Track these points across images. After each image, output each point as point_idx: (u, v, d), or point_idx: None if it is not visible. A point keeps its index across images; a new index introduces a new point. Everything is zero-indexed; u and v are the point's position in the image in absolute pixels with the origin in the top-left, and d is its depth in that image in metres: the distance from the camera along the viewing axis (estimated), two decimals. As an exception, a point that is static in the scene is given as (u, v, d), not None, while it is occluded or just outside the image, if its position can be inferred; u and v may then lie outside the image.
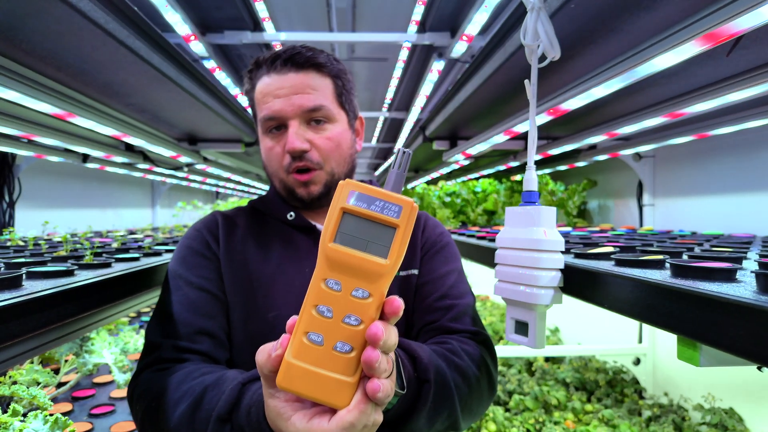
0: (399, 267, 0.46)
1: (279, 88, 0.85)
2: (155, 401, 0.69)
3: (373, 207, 0.46)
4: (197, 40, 2.20)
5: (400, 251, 0.46)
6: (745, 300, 0.48)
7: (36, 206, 2.45)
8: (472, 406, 0.77)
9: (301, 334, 0.46)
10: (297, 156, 0.85)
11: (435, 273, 0.91)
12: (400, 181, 0.48)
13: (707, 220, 1.89)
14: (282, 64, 0.85)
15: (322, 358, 0.45)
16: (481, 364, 0.81)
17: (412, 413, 0.65)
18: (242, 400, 0.60)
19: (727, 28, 0.72)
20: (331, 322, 0.45)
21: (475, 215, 2.72)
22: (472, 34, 2.12)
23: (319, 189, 0.89)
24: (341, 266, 0.45)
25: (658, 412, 1.91)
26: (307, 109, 0.85)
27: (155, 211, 3.95)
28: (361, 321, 0.45)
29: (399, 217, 0.46)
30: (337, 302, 0.46)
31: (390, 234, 0.46)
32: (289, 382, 0.45)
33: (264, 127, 0.88)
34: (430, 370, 0.67)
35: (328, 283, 0.46)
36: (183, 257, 0.87)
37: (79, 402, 1.73)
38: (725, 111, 1.44)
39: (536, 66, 0.84)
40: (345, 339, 0.45)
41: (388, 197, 0.46)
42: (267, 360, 0.46)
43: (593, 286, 0.76)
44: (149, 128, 1.98)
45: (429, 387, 0.66)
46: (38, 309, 0.71)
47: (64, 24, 0.92)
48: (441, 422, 0.70)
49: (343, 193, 0.46)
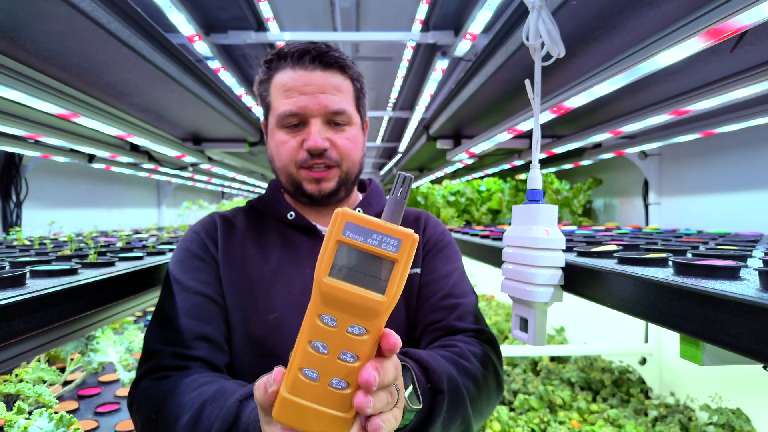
0: (396, 302, 0.45)
1: (306, 84, 0.83)
2: (154, 413, 0.69)
3: (370, 240, 0.43)
4: (201, 41, 2.21)
5: (399, 287, 0.44)
6: (747, 298, 0.48)
7: (43, 206, 2.47)
8: (482, 408, 0.77)
9: (296, 370, 0.45)
10: (316, 154, 0.85)
11: (438, 272, 0.91)
12: (399, 210, 0.45)
13: (714, 218, 1.88)
14: (310, 60, 0.84)
15: (317, 394, 0.44)
16: (489, 364, 0.81)
17: (428, 425, 0.64)
18: (240, 419, 0.61)
19: (731, 23, 0.71)
20: (327, 359, 0.44)
21: (479, 214, 2.71)
22: (475, 33, 2.11)
23: (331, 186, 0.88)
24: (337, 302, 0.44)
25: (665, 412, 1.90)
26: (332, 110, 0.84)
27: (161, 210, 3.97)
28: (357, 358, 0.44)
29: (398, 251, 0.43)
30: (333, 338, 0.44)
31: (388, 269, 0.43)
32: (285, 417, 0.45)
33: (281, 121, 0.86)
34: (443, 380, 0.66)
35: (323, 319, 0.44)
36: (181, 261, 0.87)
37: (85, 400, 1.74)
38: (731, 108, 1.43)
39: (539, 64, 0.83)
40: (341, 376, 0.44)
41: (386, 230, 0.43)
42: (263, 395, 0.46)
43: (595, 284, 0.76)
44: (154, 128, 1.99)
45: (443, 397, 0.65)
46: (41, 307, 0.71)
47: (66, 24, 0.93)
48: (455, 429, 0.70)
49: (338, 223, 0.44)
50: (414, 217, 0.97)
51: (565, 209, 2.52)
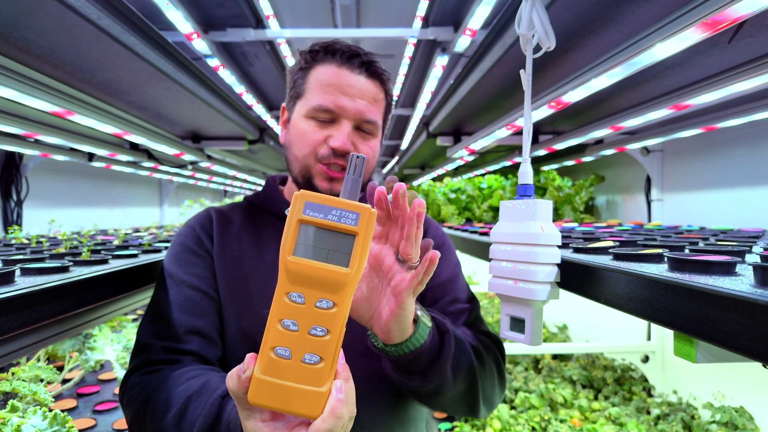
0: (361, 274, 0.46)
1: (349, 85, 0.84)
2: (143, 407, 0.70)
3: (330, 216, 0.45)
4: (200, 38, 2.20)
5: (361, 258, 0.45)
6: (739, 293, 0.46)
7: (44, 205, 2.48)
8: (486, 387, 0.79)
9: (268, 350, 0.45)
10: (340, 154, 0.84)
11: (442, 276, 0.91)
12: (356, 188, 0.49)
13: (717, 214, 1.85)
14: (359, 65, 0.85)
15: (291, 371, 0.45)
16: (489, 352, 0.83)
17: (440, 356, 0.69)
18: (222, 415, 0.61)
19: (727, 14, 0.69)
20: (297, 335, 0.45)
21: (480, 212, 2.70)
22: (475, 28, 2.09)
23: (341, 188, 0.88)
24: (303, 278, 0.45)
25: (667, 410, 1.88)
26: (365, 118, 0.85)
27: (163, 209, 3.98)
28: (328, 331, 0.45)
29: (357, 225, 0.45)
30: (302, 315, 0.45)
31: (350, 242, 0.46)
32: (260, 398, 0.45)
33: (311, 113, 0.85)
34: (447, 324, 0.72)
35: (291, 297, 0.46)
36: (175, 255, 0.87)
37: (83, 398, 1.74)
38: (733, 102, 1.41)
39: (531, 56, 0.82)
40: (313, 350, 0.45)
41: (344, 205, 0.46)
42: (237, 382, 0.46)
43: (590, 281, 0.74)
44: (151, 126, 1.99)
45: (450, 337, 0.70)
46: (29, 304, 0.71)
47: (56, 21, 0.92)
48: (463, 379, 0.73)
49: (297, 204, 0.46)
50: None
51: (567, 206, 2.50)
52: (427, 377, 0.68)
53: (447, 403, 0.75)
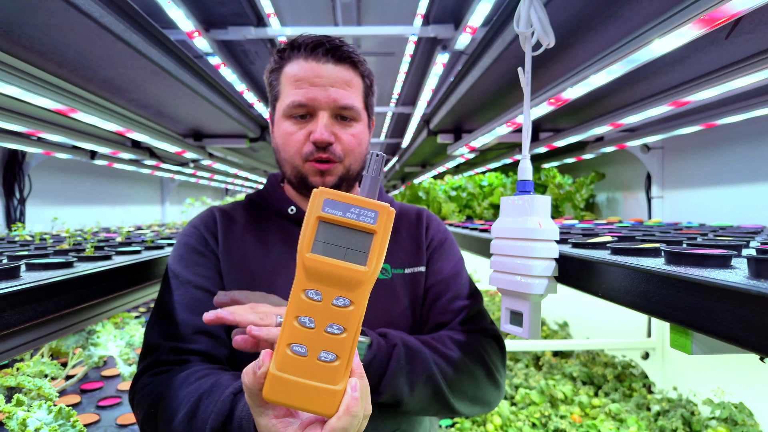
0: (379, 272, 0.46)
1: (317, 76, 0.83)
2: (153, 407, 0.70)
3: (348, 214, 0.45)
4: (201, 37, 2.21)
5: (379, 257, 0.45)
6: (733, 285, 0.47)
7: (46, 203, 2.49)
8: (463, 387, 0.79)
9: (284, 347, 0.45)
10: (322, 147, 0.84)
11: (444, 272, 0.92)
12: (375, 186, 0.48)
13: (717, 211, 1.86)
14: (323, 53, 0.83)
15: (306, 369, 0.45)
16: (473, 351, 0.82)
17: (386, 371, 0.71)
18: (234, 412, 0.61)
19: (724, 9, 0.70)
20: (314, 333, 0.45)
21: (481, 209, 2.70)
22: (475, 26, 2.10)
23: (332, 180, 0.87)
24: (320, 276, 0.45)
25: (667, 406, 1.89)
26: (340, 105, 0.84)
27: (164, 207, 3.99)
28: (344, 329, 0.45)
29: (376, 223, 0.45)
30: (319, 312, 0.45)
31: (368, 240, 0.45)
32: (275, 395, 0.45)
33: (287, 112, 0.85)
34: (397, 337, 0.75)
35: (308, 294, 0.45)
36: (180, 255, 0.87)
37: (87, 394, 1.75)
38: (733, 99, 1.41)
39: (530, 54, 0.82)
40: (329, 348, 0.45)
41: (363, 203, 0.46)
42: (253, 378, 0.46)
43: (587, 275, 0.75)
44: (153, 124, 1.99)
45: (399, 349, 0.73)
46: (35, 299, 0.72)
47: (59, 18, 0.93)
48: (423, 386, 0.74)
49: (317, 201, 0.46)
50: (416, 214, 0.97)
51: (568, 203, 2.50)
52: (379, 390, 0.70)
53: (415, 410, 0.76)
